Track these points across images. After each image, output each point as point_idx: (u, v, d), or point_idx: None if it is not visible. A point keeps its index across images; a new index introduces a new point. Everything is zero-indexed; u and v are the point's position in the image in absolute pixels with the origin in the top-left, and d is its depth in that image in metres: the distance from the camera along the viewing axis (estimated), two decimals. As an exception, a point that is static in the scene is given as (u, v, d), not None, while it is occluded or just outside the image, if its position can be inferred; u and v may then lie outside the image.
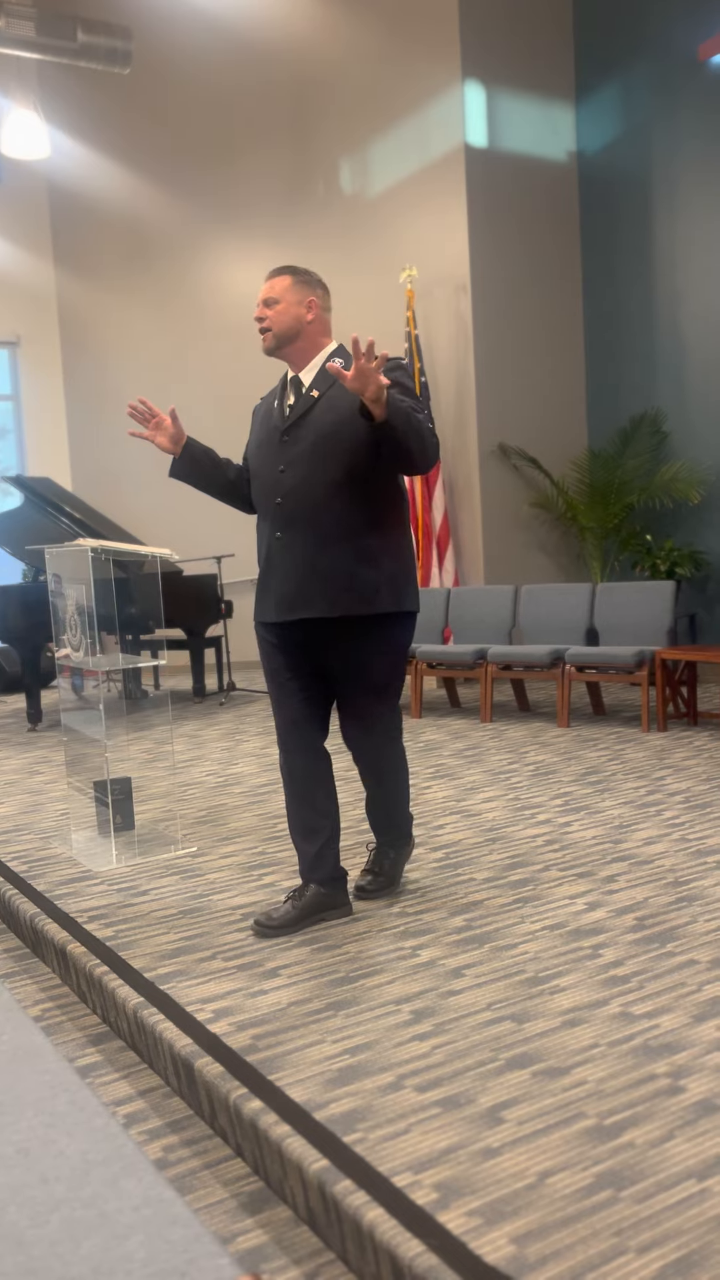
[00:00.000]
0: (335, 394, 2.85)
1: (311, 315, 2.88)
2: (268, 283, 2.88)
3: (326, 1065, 2.11)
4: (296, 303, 2.86)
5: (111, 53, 8.08)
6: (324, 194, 8.74)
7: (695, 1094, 1.93)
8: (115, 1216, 1.54)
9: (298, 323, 2.87)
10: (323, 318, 2.92)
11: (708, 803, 4.05)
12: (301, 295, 2.87)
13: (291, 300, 2.86)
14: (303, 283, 2.88)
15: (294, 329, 2.87)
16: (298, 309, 2.86)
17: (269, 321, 2.87)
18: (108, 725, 3.77)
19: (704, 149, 7.33)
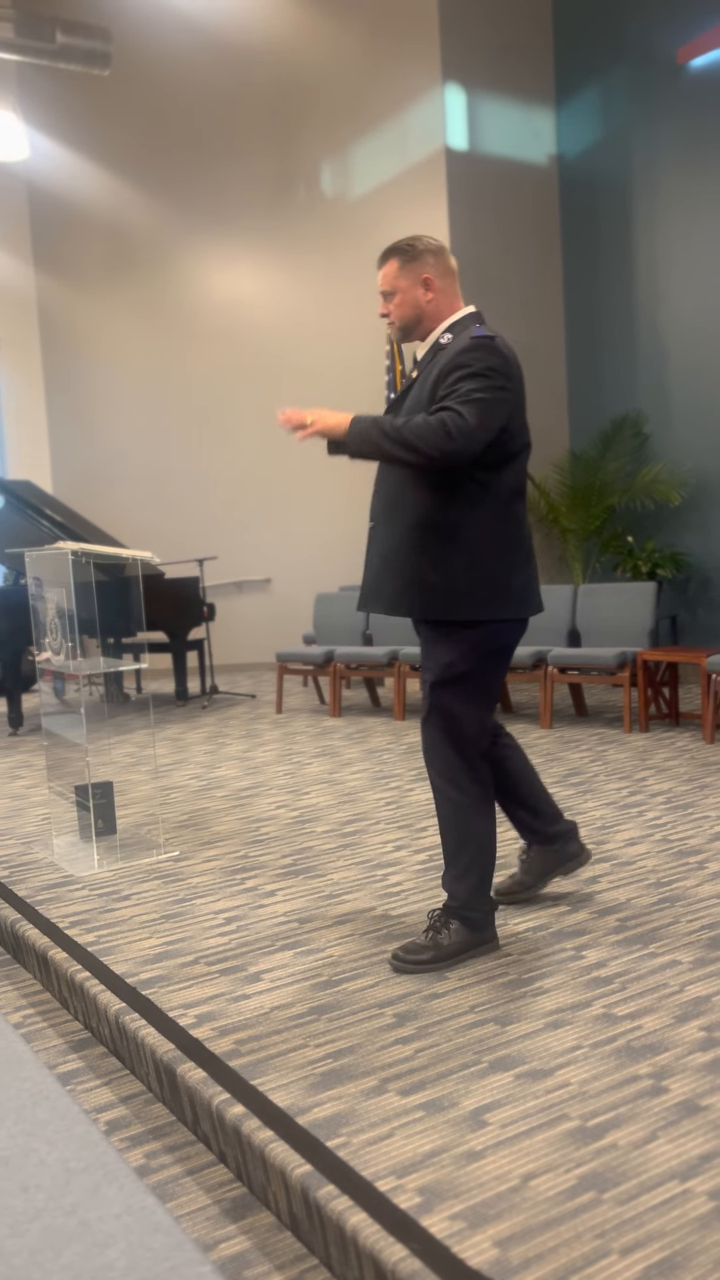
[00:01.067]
0: (428, 373, 2.64)
1: (430, 294, 2.68)
2: (379, 272, 2.73)
3: (309, 1070, 2.10)
4: (410, 286, 2.68)
5: (91, 54, 8.06)
6: (306, 197, 8.74)
7: (678, 1094, 1.93)
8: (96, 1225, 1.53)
9: (417, 308, 2.70)
10: (442, 288, 2.69)
11: (689, 803, 4.07)
12: (414, 276, 2.68)
13: (405, 285, 2.69)
14: (410, 260, 2.68)
15: (415, 315, 2.71)
16: (414, 292, 2.69)
17: (391, 316, 2.73)
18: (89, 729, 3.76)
19: (683, 152, 7.37)
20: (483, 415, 2.48)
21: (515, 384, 2.58)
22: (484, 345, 2.55)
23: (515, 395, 2.58)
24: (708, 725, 5.23)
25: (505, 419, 2.55)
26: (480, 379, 2.51)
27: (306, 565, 9.06)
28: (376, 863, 3.51)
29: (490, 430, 2.50)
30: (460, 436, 2.45)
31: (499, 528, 2.62)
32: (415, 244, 2.67)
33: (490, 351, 2.54)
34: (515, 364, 2.61)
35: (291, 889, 3.29)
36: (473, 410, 2.47)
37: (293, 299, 8.93)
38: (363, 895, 3.18)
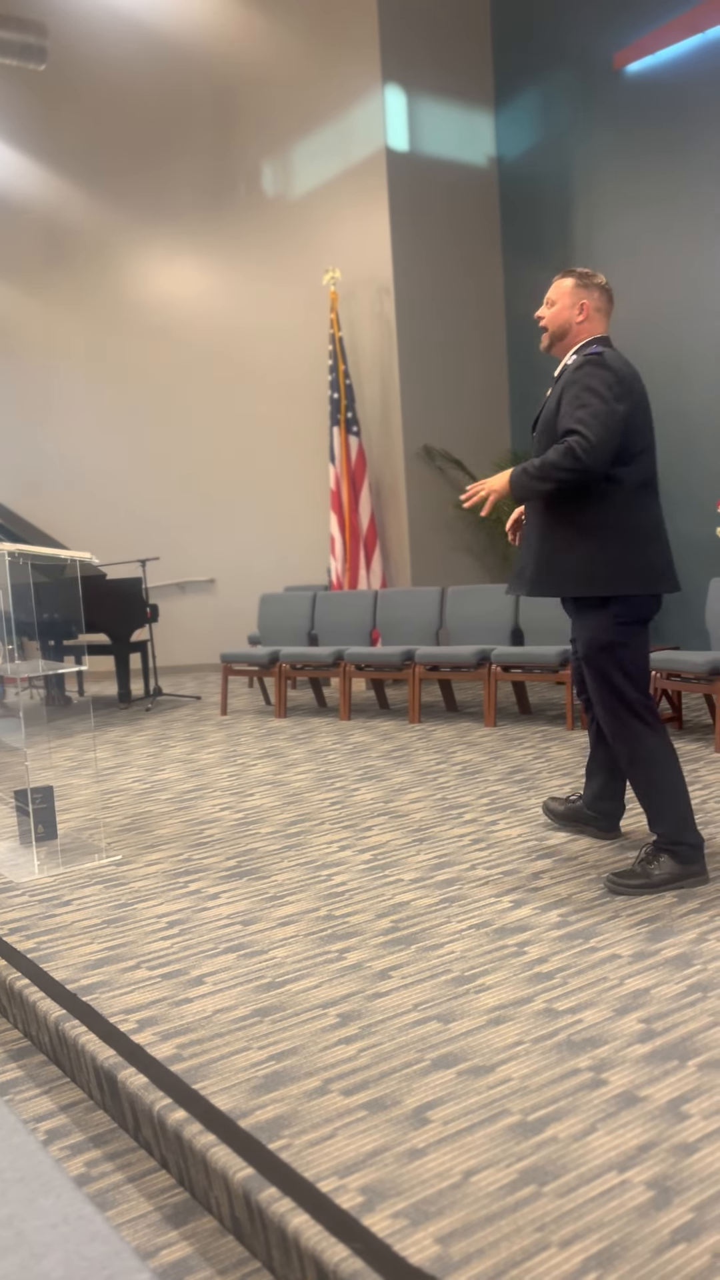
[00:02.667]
0: (560, 390, 3.08)
1: (583, 316, 3.15)
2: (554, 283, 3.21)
3: (252, 1072, 2.09)
4: (570, 305, 3.16)
5: (26, 48, 7.95)
6: (246, 196, 8.70)
7: (616, 1086, 1.95)
8: (32, 1235, 1.50)
9: (568, 323, 3.16)
10: (595, 317, 3.16)
11: (629, 799, 4.12)
12: (576, 298, 3.16)
13: (566, 303, 3.16)
14: (581, 286, 3.16)
15: (565, 328, 3.17)
16: (570, 311, 3.16)
17: (545, 321, 3.20)
18: (28, 733, 3.70)
19: (621, 156, 7.47)
20: (602, 429, 2.90)
21: (632, 393, 3.01)
22: (592, 361, 3.01)
23: (633, 402, 3.00)
24: (648, 721, 5.30)
25: (623, 425, 2.96)
26: (594, 394, 2.95)
27: (251, 565, 9.02)
28: (321, 863, 3.51)
29: (612, 439, 2.92)
30: (586, 455, 2.89)
31: (625, 516, 3.01)
32: (591, 276, 3.19)
33: (599, 366, 3.00)
34: (630, 375, 3.03)
35: (235, 891, 3.27)
36: (592, 428, 2.90)
37: (234, 298, 8.89)
38: (307, 896, 3.18)
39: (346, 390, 7.77)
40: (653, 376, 7.40)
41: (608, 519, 3.01)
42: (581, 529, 3.02)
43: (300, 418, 8.55)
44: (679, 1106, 1.87)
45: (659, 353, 7.36)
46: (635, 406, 3.02)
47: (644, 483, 3.05)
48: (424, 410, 8.01)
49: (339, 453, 7.77)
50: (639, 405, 3.03)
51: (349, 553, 7.77)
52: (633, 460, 3.02)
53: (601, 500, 3.00)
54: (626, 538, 3.01)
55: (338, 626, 6.97)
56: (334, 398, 7.78)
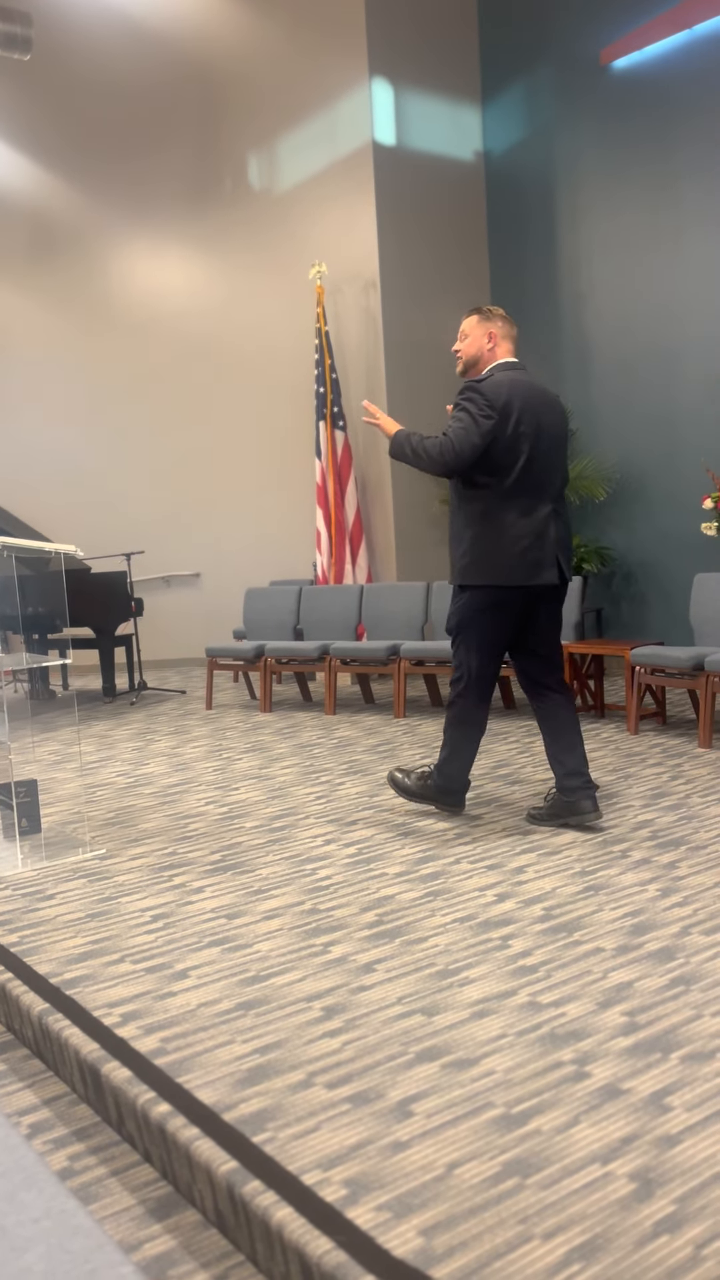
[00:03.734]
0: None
1: (491, 344, 3.66)
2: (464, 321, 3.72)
3: (236, 1065, 2.09)
4: (480, 336, 3.66)
5: (10, 38, 7.89)
6: (232, 189, 8.67)
7: (599, 1079, 1.96)
8: (14, 1230, 1.50)
9: (480, 351, 3.67)
10: (501, 344, 3.66)
11: (614, 793, 4.13)
12: (484, 330, 3.66)
13: (477, 335, 3.67)
14: (485, 320, 3.67)
15: (477, 356, 3.68)
16: (480, 341, 3.66)
17: (461, 352, 3.71)
18: (12, 726, 3.69)
19: (606, 152, 7.48)
20: (462, 443, 3.45)
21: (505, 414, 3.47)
22: (470, 386, 3.52)
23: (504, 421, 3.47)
24: (632, 717, 5.32)
25: (487, 438, 3.46)
26: (465, 412, 3.48)
27: (236, 560, 9.01)
28: (305, 857, 3.51)
29: (467, 451, 3.46)
30: (446, 456, 3.48)
31: (488, 520, 3.52)
32: (493, 310, 3.68)
33: (475, 390, 3.50)
34: (506, 399, 3.48)
35: (220, 885, 3.26)
36: (457, 439, 3.46)
37: (219, 292, 8.86)
38: (291, 890, 3.17)
39: (333, 384, 7.76)
40: (637, 373, 7.42)
41: (481, 519, 3.54)
42: (460, 530, 3.60)
43: (286, 412, 8.53)
44: (662, 1099, 1.88)
45: (644, 349, 7.38)
46: (507, 426, 3.48)
47: (516, 488, 3.51)
48: (409, 404, 8.01)
49: (325, 447, 7.76)
50: (514, 425, 3.49)
51: (335, 547, 7.76)
52: (501, 472, 3.50)
53: (473, 505, 3.56)
54: (492, 535, 3.52)
55: (323, 621, 6.96)
56: (320, 392, 7.77)
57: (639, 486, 7.52)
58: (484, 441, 3.44)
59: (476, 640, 3.63)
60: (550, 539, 3.54)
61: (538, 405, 3.54)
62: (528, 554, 3.50)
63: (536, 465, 3.52)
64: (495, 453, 3.48)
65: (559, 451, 3.62)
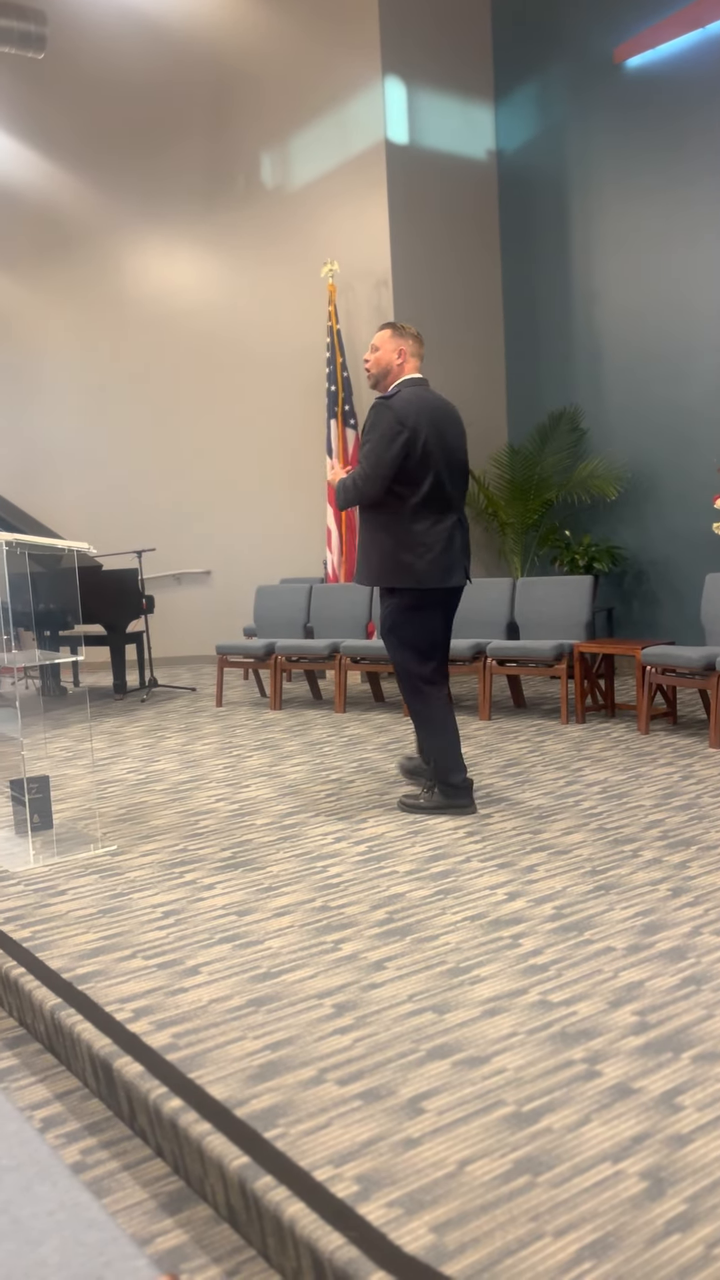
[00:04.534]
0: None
1: (400, 359, 3.87)
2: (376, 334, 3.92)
3: (248, 1061, 2.10)
4: (391, 351, 3.87)
5: (25, 36, 7.91)
6: (245, 187, 8.68)
7: (610, 1078, 1.96)
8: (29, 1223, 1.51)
9: (389, 365, 3.88)
10: (410, 360, 3.89)
11: (624, 793, 4.13)
12: (395, 345, 3.87)
13: (388, 349, 3.87)
14: (397, 335, 3.88)
15: (386, 369, 3.89)
16: (390, 355, 3.87)
17: (370, 365, 3.91)
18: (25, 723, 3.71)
19: (619, 150, 7.46)
20: (372, 466, 3.70)
21: (416, 428, 3.70)
22: (380, 404, 3.75)
23: (415, 435, 3.70)
24: (642, 716, 5.31)
25: (400, 454, 3.70)
26: (375, 432, 3.72)
27: (247, 557, 9.02)
28: (316, 855, 3.52)
29: (382, 469, 3.70)
30: (363, 483, 3.74)
31: (408, 526, 3.78)
32: (405, 327, 3.89)
33: (384, 408, 3.73)
34: (415, 413, 3.71)
35: (230, 882, 3.27)
36: (367, 463, 3.72)
37: (231, 289, 8.87)
38: (302, 887, 3.18)
39: (344, 383, 7.76)
40: (649, 372, 7.41)
41: (395, 527, 3.78)
42: (380, 534, 3.82)
43: (297, 410, 8.54)
44: (673, 1098, 1.88)
45: (656, 348, 7.36)
46: (418, 442, 3.72)
47: (426, 500, 3.77)
48: (421, 403, 8.00)
49: (336, 445, 7.76)
50: (426, 439, 3.72)
51: (345, 545, 7.77)
52: (415, 484, 3.75)
53: (392, 513, 3.79)
54: (407, 543, 3.77)
55: (333, 619, 6.97)
56: (331, 390, 7.77)
57: (650, 485, 7.50)
58: (398, 457, 3.69)
59: (411, 637, 3.89)
60: (457, 545, 3.84)
61: (442, 421, 3.80)
62: (440, 559, 3.79)
63: (443, 478, 3.80)
64: (409, 467, 3.73)
65: (462, 464, 3.90)
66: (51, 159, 9.55)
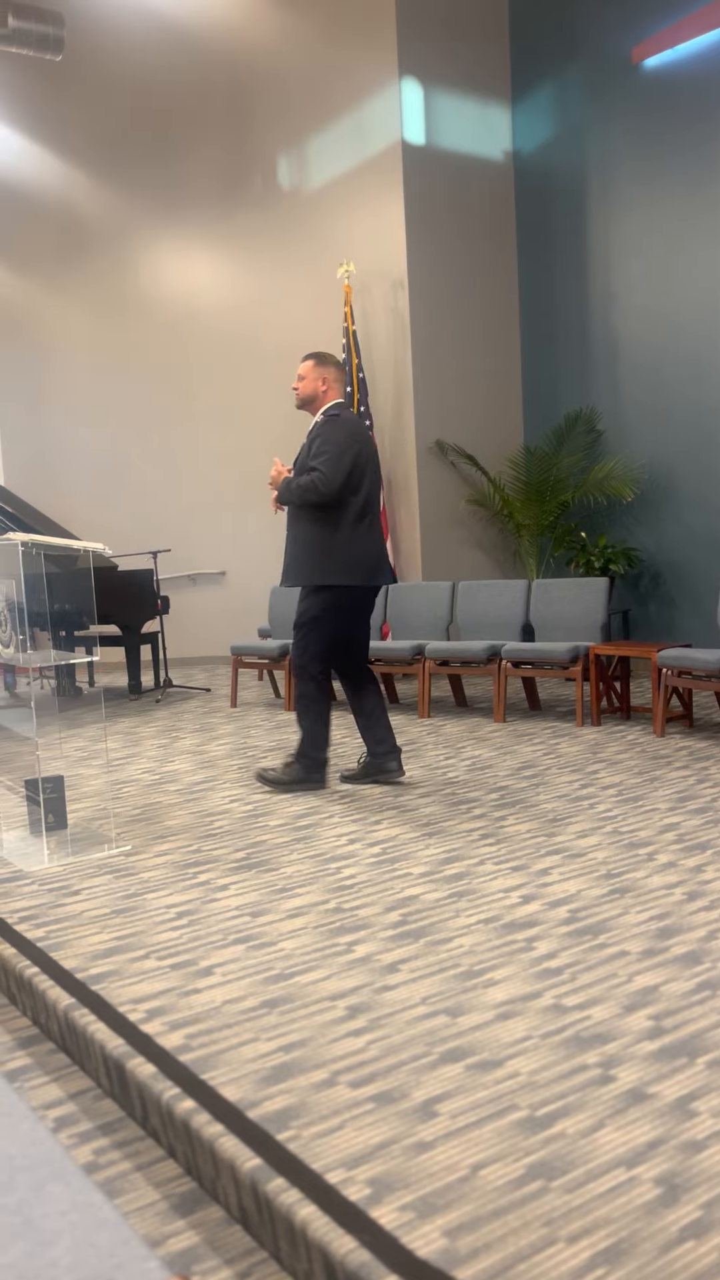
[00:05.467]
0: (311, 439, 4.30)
1: (324, 387, 4.35)
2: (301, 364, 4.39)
3: (260, 1063, 2.10)
4: (315, 379, 4.34)
5: (43, 39, 7.94)
6: (262, 189, 8.69)
7: (625, 1083, 1.95)
8: (41, 1222, 1.51)
9: (315, 392, 4.36)
10: (333, 387, 4.36)
11: (639, 796, 4.11)
12: (320, 374, 4.34)
13: (312, 378, 4.35)
14: (320, 365, 4.35)
15: (312, 396, 4.36)
16: (315, 384, 4.35)
17: (298, 391, 4.36)
18: (40, 723, 3.73)
19: (638, 151, 7.43)
20: (333, 470, 4.14)
21: (359, 444, 4.21)
22: (331, 420, 4.24)
23: (358, 451, 4.20)
24: (658, 719, 5.29)
25: (351, 465, 4.18)
26: (331, 444, 4.18)
27: (261, 558, 9.02)
28: (330, 856, 3.51)
29: (340, 476, 4.16)
30: (323, 485, 4.15)
31: (344, 532, 4.22)
32: (329, 356, 4.37)
33: (335, 424, 4.22)
34: (357, 431, 4.25)
35: (244, 883, 3.27)
36: (327, 468, 4.14)
37: (248, 290, 8.88)
38: (316, 889, 3.18)
39: (360, 384, 7.76)
40: (667, 373, 7.38)
41: (338, 531, 4.20)
42: (313, 538, 4.22)
43: (313, 411, 8.54)
44: (688, 1104, 1.87)
45: (673, 349, 7.33)
46: (362, 454, 4.23)
47: (362, 509, 4.25)
48: (437, 405, 8.00)
49: (351, 446, 7.75)
50: (363, 454, 4.24)
51: (360, 547, 7.76)
52: (354, 493, 4.22)
53: (330, 519, 4.21)
54: (348, 544, 4.21)
55: (348, 620, 6.96)
56: (347, 391, 7.77)
57: (667, 487, 7.47)
58: (348, 468, 4.17)
59: (327, 630, 4.30)
60: (379, 547, 4.35)
61: (366, 439, 4.32)
62: (368, 559, 4.28)
63: (368, 489, 4.29)
64: (354, 478, 4.22)
65: (379, 477, 4.43)
66: (69, 161, 9.58)
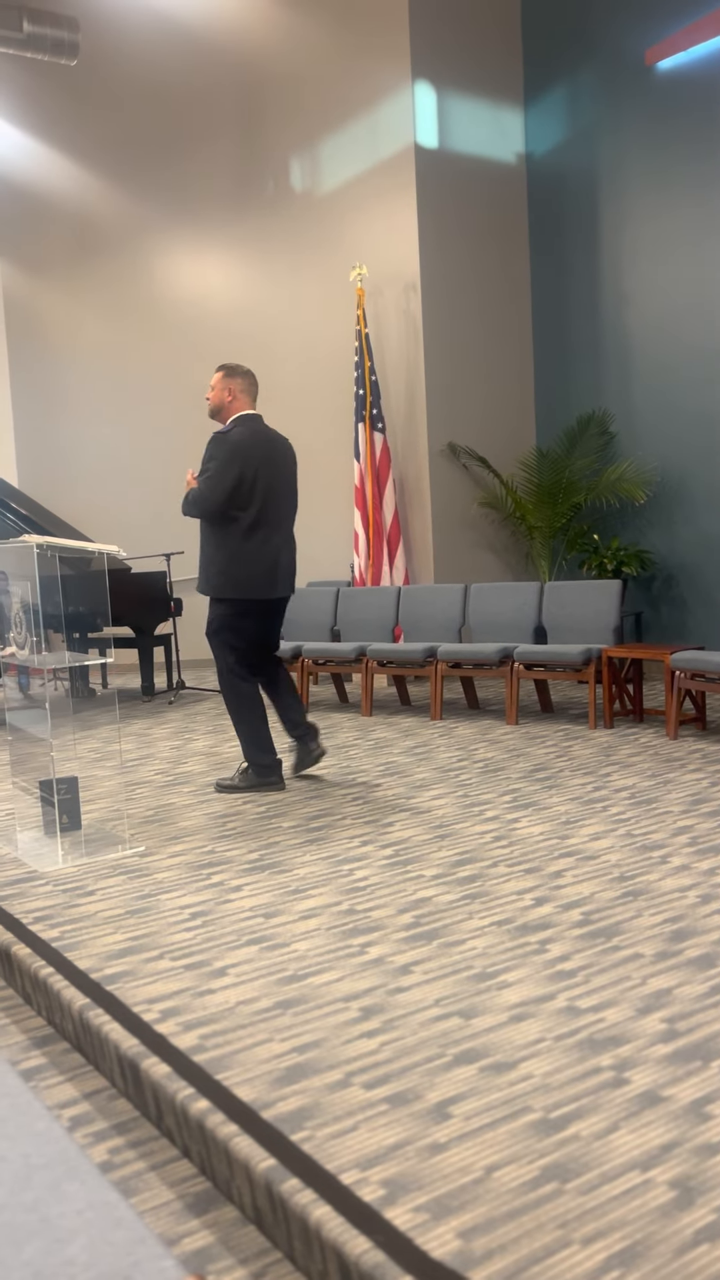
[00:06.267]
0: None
1: (231, 397, 4.46)
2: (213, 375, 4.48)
3: (274, 1064, 2.10)
4: (223, 390, 4.45)
5: (58, 44, 7.98)
6: (274, 192, 8.71)
7: (639, 1086, 1.95)
8: (57, 1221, 1.52)
9: (222, 403, 4.47)
10: (241, 397, 4.46)
11: (653, 798, 4.10)
12: (227, 385, 4.44)
13: (220, 389, 4.45)
14: (228, 376, 4.45)
15: (220, 406, 4.48)
16: (223, 394, 4.46)
17: (209, 401, 4.49)
18: (54, 724, 3.74)
19: (650, 153, 7.42)
20: (210, 489, 4.30)
21: (248, 460, 4.31)
22: (217, 439, 4.34)
23: (246, 466, 4.31)
24: (671, 721, 5.28)
25: (235, 481, 4.29)
26: (213, 461, 4.31)
27: (274, 561, 9.03)
28: (343, 858, 3.52)
29: (219, 493, 4.28)
30: (203, 501, 4.32)
31: (239, 543, 4.36)
32: (236, 367, 4.46)
33: (220, 442, 4.33)
34: (248, 445, 4.33)
35: (258, 884, 3.28)
36: (207, 485, 4.31)
37: (261, 293, 8.90)
38: (329, 890, 3.18)
39: (372, 387, 7.77)
40: (679, 375, 7.36)
41: (228, 545, 4.36)
42: (216, 550, 4.38)
43: (325, 414, 8.56)
44: (702, 1107, 1.87)
45: (686, 351, 7.31)
46: (251, 471, 4.32)
47: (256, 521, 4.36)
48: (449, 407, 8.00)
49: (364, 449, 7.77)
50: (256, 468, 4.33)
51: (372, 549, 7.77)
52: (247, 507, 4.34)
53: (227, 532, 4.36)
54: (239, 558, 4.36)
55: (360, 623, 6.97)
56: (359, 394, 7.78)
57: (680, 489, 7.46)
58: (230, 485, 4.28)
59: (233, 641, 4.46)
60: (282, 564, 4.45)
61: (272, 452, 4.41)
62: (266, 575, 4.40)
63: (270, 503, 4.40)
64: (242, 492, 4.32)
65: (290, 490, 4.50)
66: (83, 164, 9.62)
